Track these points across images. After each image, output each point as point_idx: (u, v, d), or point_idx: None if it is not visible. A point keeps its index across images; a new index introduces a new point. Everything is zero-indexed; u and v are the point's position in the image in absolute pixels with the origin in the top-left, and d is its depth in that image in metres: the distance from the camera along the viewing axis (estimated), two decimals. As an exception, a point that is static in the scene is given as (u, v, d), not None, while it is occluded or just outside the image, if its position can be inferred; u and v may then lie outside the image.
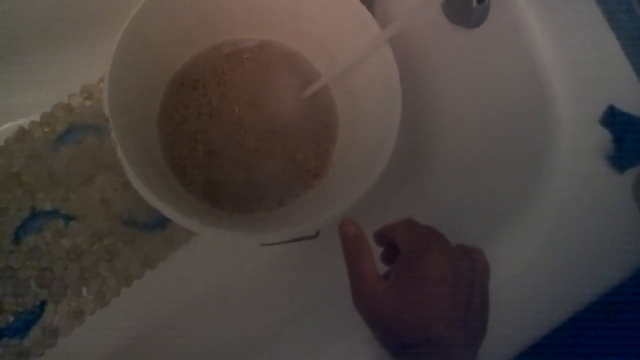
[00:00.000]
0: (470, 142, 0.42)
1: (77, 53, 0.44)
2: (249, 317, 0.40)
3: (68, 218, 0.42)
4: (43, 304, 0.40)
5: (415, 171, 0.45)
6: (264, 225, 0.38)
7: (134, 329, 0.41)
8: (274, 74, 0.43)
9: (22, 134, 0.43)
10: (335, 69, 0.39)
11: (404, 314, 0.26)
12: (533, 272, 0.33)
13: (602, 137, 0.35)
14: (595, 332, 0.35)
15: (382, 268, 0.29)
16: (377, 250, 0.30)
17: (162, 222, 0.44)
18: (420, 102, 0.44)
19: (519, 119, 0.38)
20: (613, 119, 0.34)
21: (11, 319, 0.39)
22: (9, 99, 0.44)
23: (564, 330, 0.31)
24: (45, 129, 0.44)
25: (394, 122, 0.35)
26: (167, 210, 0.30)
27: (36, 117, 0.44)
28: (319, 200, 0.40)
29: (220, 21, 0.41)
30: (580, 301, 0.32)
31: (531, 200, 0.35)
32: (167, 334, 0.41)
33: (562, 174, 0.34)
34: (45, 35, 0.43)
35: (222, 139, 0.41)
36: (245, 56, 0.43)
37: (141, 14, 0.34)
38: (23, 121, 0.44)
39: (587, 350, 0.35)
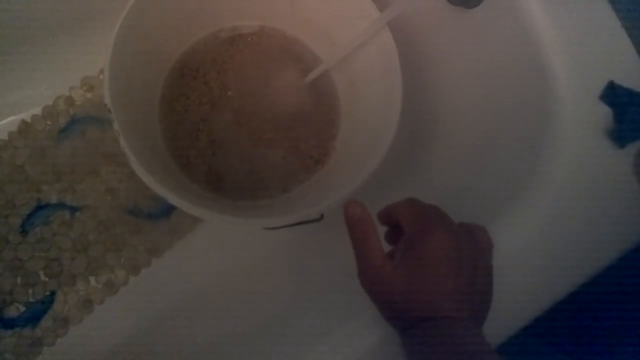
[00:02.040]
0: (471, 123, 0.42)
1: (77, 45, 0.44)
2: (257, 303, 0.41)
3: (74, 209, 0.43)
4: (53, 294, 0.41)
5: (417, 154, 0.45)
6: (267, 211, 0.39)
7: (143, 317, 0.41)
8: (274, 60, 0.43)
9: (25, 128, 0.44)
10: (336, 55, 0.39)
11: (410, 293, 0.26)
12: (536, 248, 0.33)
13: (603, 112, 0.35)
14: (597, 305, 0.35)
15: (387, 247, 0.29)
16: (382, 230, 0.30)
17: (167, 211, 0.44)
18: (421, 86, 0.44)
19: (520, 99, 0.38)
20: (613, 94, 0.34)
21: (22, 309, 0.40)
22: (11, 93, 0.44)
23: (566, 304, 0.31)
24: (48, 122, 0.44)
25: (395, 107, 0.35)
26: (172, 198, 0.31)
27: (38, 111, 0.44)
28: (322, 185, 0.40)
29: (219, 8, 0.41)
30: (583, 274, 0.33)
31: (533, 178, 0.35)
32: (175, 321, 0.42)
33: (563, 151, 0.34)
34: (45, 29, 0.43)
35: (224, 128, 0.41)
36: (245, 43, 0.43)
37: (139, 3, 0.34)
38: (25, 115, 0.44)
39: (587, 324, 0.35)
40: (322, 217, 0.34)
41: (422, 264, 0.26)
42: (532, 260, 0.33)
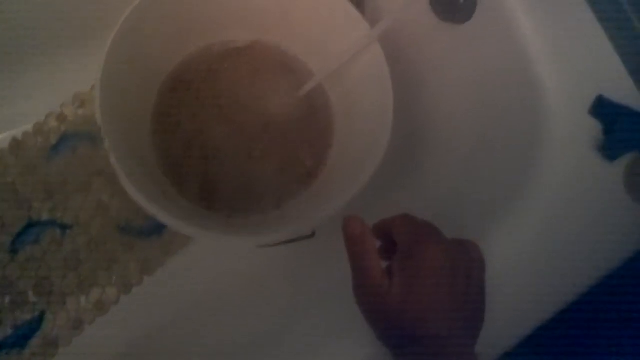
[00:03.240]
0: (463, 135, 0.42)
1: (69, 61, 0.44)
2: (250, 319, 0.40)
3: (65, 227, 0.42)
4: (42, 314, 0.40)
5: (411, 165, 0.45)
6: (260, 227, 0.38)
7: (135, 336, 0.41)
8: (268, 73, 0.43)
9: (15, 145, 0.43)
10: (329, 68, 0.40)
11: (405, 312, 0.26)
12: (528, 262, 0.33)
13: (592, 127, 0.35)
14: (590, 322, 0.35)
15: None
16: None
17: (159, 228, 0.44)
18: (413, 98, 0.45)
19: (510, 111, 0.39)
20: (602, 109, 0.34)
21: (10, 331, 0.39)
22: (2, 109, 0.44)
23: (560, 321, 0.31)
24: (39, 139, 0.44)
25: (387, 119, 0.35)
26: (162, 216, 0.30)
27: (29, 128, 0.44)
28: (316, 199, 0.40)
29: (212, 22, 0.41)
30: (575, 291, 0.33)
31: (525, 191, 0.35)
32: (167, 339, 0.41)
33: (554, 165, 0.35)
34: (36, 45, 0.43)
35: (217, 142, 0.41)
36: (238, 56, 0.43)
37: (130, 19, 0.34)
38: (16, 131, 0.44)
39: (582, 340, 0.35)
40: (313, 234, 0.34)
41: (417, 282, 0.26)
42: (524, 271, 0.33)
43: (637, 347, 0.32)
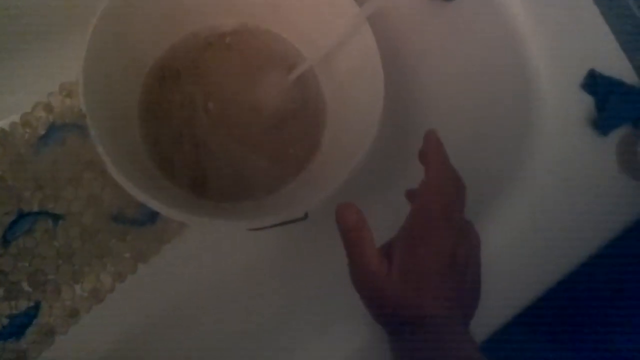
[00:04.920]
0: (455, 115, 0.42)
1: (56, 50, 0.44)
2: (245, 306, 0.41)
3: (57, 218, 0.42)
4: (38, 304, 0.40)
5: (404, 150, 0.45)
6: (252, 212, 0.38)
7: (131, 324, 0.41)
8: (257, 59, 0.42)
9: (3, 137, 0.43)
10: (319, 51, 0.39)
11: (404, 295, 0.26)
12: (522, 238, 0.33)
13: (584, 101, 0.35)
14: (584, 294, 0.36)
15: (381, 237, 0.28)
16: (377, 226, 0.29)
17: (152, 217, 0.43)
18: (404, 81, 0.44)
19: (502, 91, 0.38)
20: (594, 82, 0.34)
21: (6, 320, 0.39)
22: (-13, 101, 0.44)
23: (553, 298, 0.31)
24: (27, 130, 0.43)
25: (377, 103, 0.35)
26: (152, 203, 0.30)
27: (17, 119, 0.43)
28: (308, 185, 0.40)
29: (197, 7, 0.40)
30: (569, 263, 0.33)
31: (519, 169, 0.35)
32: (163, 327, 0.41)
33: (547, 141, 0.34)
34: (21, 35, 0.43)
35: (208, 131, 0.40)
36: (226, 41, 0.42)
37: (112, 4, 0.33)
38: (4, 123, 0.43)
39: (574, 312, 0.35)
40: (306, 216, 0.34)
41: (420, 264, 0.26)
42: (519, 249, 0.33)
43: (628, 321, 0.32)
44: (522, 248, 0.33)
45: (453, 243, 0.26)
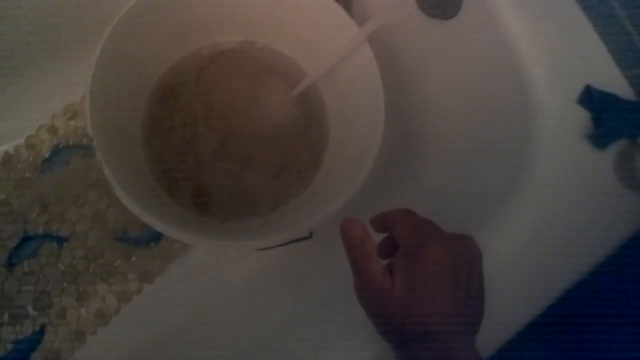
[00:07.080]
0: (456, 130, 0.42)
1: (59, 72, 0.44)
2: (251, 323, 0.40)
3: (61, 240, 0.42)
4: (43, 327, 0.40)
5: (407, 162, 0.45)
6: (256, 231, 0.38)
7: (136, 345, 0.41)
8: (260, 76, 0.43)
9: (8, 160, 0.43)
10: (321, 68, 0.39)
11: (409, 310, 0.26)
12: (523, 251, 0.33)
13: (581, 116, 0.35)
14: (586, 309, 0.36)
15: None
16: (380, 237, 0.30)
17: (156, 236, 0.44)
18: (406, 96, 0.45)
19: (501, 105, 0.39)
20: (590, 98, 0.35)
21: (10, 346, 0.39)
22: (-8, 124, 0.44)
23: (557, 305, 0.32)
24: (31, 153, 0.43)
25: (379, 119, 0.35)
26: (158, 225, 0.30)
27: (21, 141, 0.44)
28: (312, 200, 0.40)
29: (201, 25, 0.41)
30: (571, 275, 0.33)
31: (518, 183, 0.35)
32: (169, 347, 0.41)
33: (546, 156, 0.35)
34: (25, 57, 0.43)
35: (210, 148, 0.40)
36: (229, 58, 0.43)
37: (119, 28, 0.34)
38: (9, 146, 0.44)
39: (579, 322, 0.35)
40: (311, 235, 0.34)
41: (421, 280, 0.26)
42: (521, 262, 0.33)
43: (633, 330, 0.33)
44: (524, 259, 0.33)
45: (451, 253, 0.27)
